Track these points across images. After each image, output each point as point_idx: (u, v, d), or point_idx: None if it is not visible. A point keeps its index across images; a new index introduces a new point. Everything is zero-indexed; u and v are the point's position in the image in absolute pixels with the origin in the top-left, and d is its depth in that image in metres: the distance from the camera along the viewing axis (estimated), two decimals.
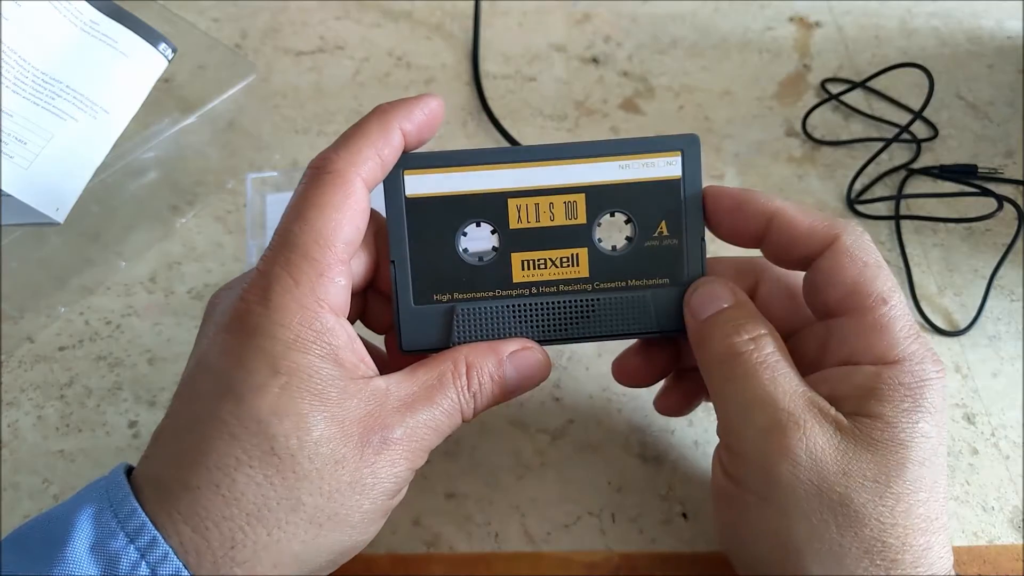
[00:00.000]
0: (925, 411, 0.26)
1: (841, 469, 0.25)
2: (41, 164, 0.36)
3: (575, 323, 0.30)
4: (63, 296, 0.42)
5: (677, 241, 0.30)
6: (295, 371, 0.24)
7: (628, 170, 0.29)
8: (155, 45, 0.40)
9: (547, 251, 0.29)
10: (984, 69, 0.53)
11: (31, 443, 0.37)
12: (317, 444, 0.24)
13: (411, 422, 0.26)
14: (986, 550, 0.34)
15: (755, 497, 0.26)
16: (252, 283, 0.25)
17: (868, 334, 0.27)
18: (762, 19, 0.57)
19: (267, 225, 0.42)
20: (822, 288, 0.28)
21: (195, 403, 0.25)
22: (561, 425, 0.37)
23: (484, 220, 0.29)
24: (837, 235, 0.28)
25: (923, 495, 0.25)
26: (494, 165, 0.29)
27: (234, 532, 0.23)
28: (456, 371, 0.27)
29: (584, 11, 0.57)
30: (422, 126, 0.28)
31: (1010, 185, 0.47)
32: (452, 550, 0.34)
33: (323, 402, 0.24)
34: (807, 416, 0.26)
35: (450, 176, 0.29)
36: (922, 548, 0.25)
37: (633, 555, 0.34)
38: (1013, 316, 0.41)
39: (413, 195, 0.29)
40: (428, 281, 0.29)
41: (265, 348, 0.24)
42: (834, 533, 0.25)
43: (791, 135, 0.50)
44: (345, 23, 0.56)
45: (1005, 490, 0.36)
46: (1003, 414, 0.38)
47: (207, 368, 0.25)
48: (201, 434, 0.24)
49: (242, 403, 0.24)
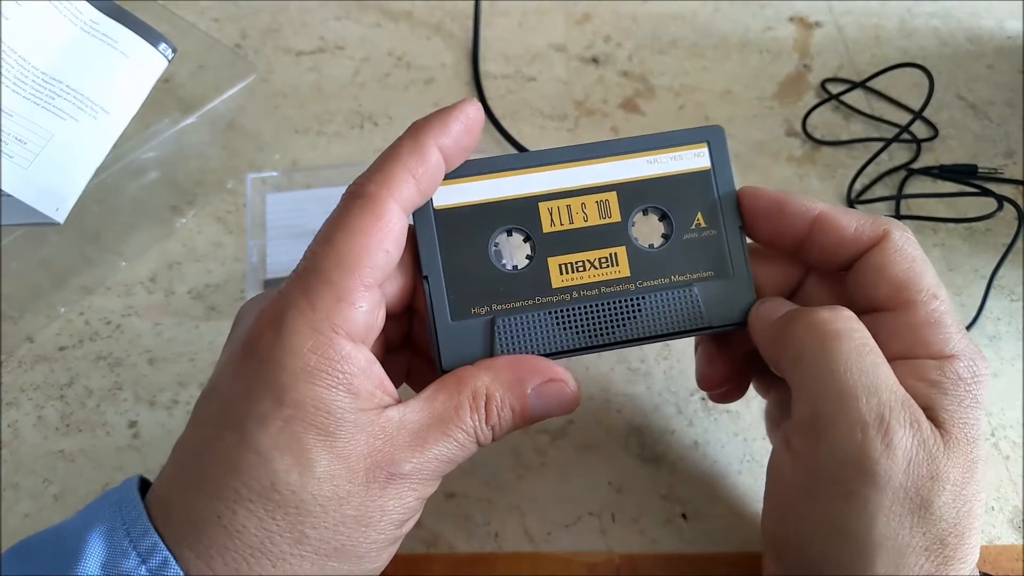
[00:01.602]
0: (980, 407, 0.26)
1: (930, 472, 0.24)
2: (41, 164, 0.36)
3: (621, 325, 0.28)
4: (63, 296, 0.42)
5: (716, 232, 0.29)
6: (300, 404, 0.23)
7: (657, 164, 0.29)
8: (155, 45, 0.40)
9: (584, 253, 0.28)
10: (984, 69, 0.53)
11: (31, 443, 0.37)
12: (320, 481, 0.23)
13: (422, 457, 0.25)
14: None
15: (837, 491, 0.25)
16: (270, 304, 0.25)
17: (923, 329, 0.26)
18: (762, 19, 0.57)
19: (267, 225, 0.42)
20: (871, 283, 0.27)
21: (203, 428, 0.25)
22: (561, 425, 0.37)
23: (516, 226, 0.28)
24: (887, 231, 0.27)
25: (982, 495, 0.25)
26: (521, 170, 0.28)
27: (238, 564, 0.23)
28: (475, 404, 0.26)
29: (584, 11, 0.57)
30: (460, 137, 0.27)
31: (1010, 185, 0.47)
32: (452, 550, 0.34)
33: (328, 437, 0.24)
34: (908, 412, 0.25)
35: (477, 184, 0.28)
36: (972, 546, 0.25)
37: (633, 555, 0.34)
38: (1013, 316, 0.41)
39: (441, 206, 0.28)
40: (464, 294, 0.28)
41: (272, 378, 0.23)
42: (906, 533, 0.24)
43: (791, 135, 0.50)
44: (345, 23, 0.56)
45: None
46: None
47: (217, 392, 0.25)
48: (206, 461, 0.24)
49: (245, 434, 0.23)
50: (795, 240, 0.29)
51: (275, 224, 0.43)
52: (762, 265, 0.30)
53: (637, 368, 0.39)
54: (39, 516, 0.35)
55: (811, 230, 0.28)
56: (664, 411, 0.38)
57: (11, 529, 0.34)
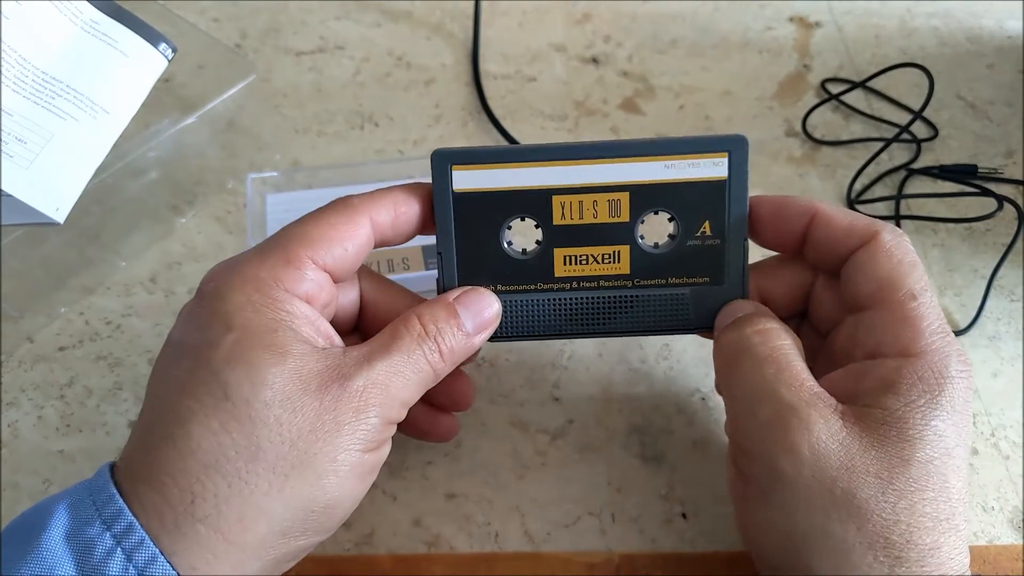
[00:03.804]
0: (942, 408, 0.25)
1: (844, 464, 0.25)
2: (41, 164, 0.36)
3: (613, 317, 0.30)
4: (63, 296, 0.42)
5: (720, 241, 0.30)
6: (248, 327, 0.25)
7: (673, 170, 0.29)
8: (155, 45, 0.40)
9: (589, 247, 0.30)
10: (984, 69, 0.53)
11: (31, 443, 0.37)
12: (273, 389, 0.24)
13: (371, 372, 0.26)
14: (986, 550, 0.34)
15: (761, 492, 0.26)
16: (224, 261, 0.27)
17: (894, 327, 0.27)
18: (762, 19, 0.57)
19: (267, 225, 0.42)
20: (856, 281, 0.28)
21: (156, 376, 0.26)
22: (561, 425, 0.37)
23: (529, 216, 0.30)
24: (877, 232, 0.28)
25: (930, 494, 0.25)
26: (540, 162, 0.29)
27: (192, 484, 0.23)
28: (408, 323, 0.27)
29: (584, 11, 0.57)
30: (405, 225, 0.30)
31: (1010, 185, 0.47)
32: (452, 550, 0.34)
33: (277, 355, 0.24)
34: (809, 410, 0.25)
35: (497, 172, 0.29)
36: (928, 547, 0.25)
37: (633, 555, 0.34)
38: (1013, 316, 0.41)
39: (460, 190, 0.29)
40: (473, 273, 0.30)
41: (220, 310, 0.25)
42: (838, 528, 0.25)
43: (791, 135, 0.50)
44: (345, 23, 0.56)
45: (1005, 490, 0.36)
46: (1003, 414, 0.38)
47: (169, 341, 0.26)
48: (159, 398, 0.24)
49: (197, 359, 0.24)
50: (797, 238, 0.30)
51: (275, 224, 0.42)
52: (770, 278, 0.31)
53: (637, 368, 0.39)
54: None
55: (809, 227, 0.29)
56: (664, 411, 0.38)
57: None
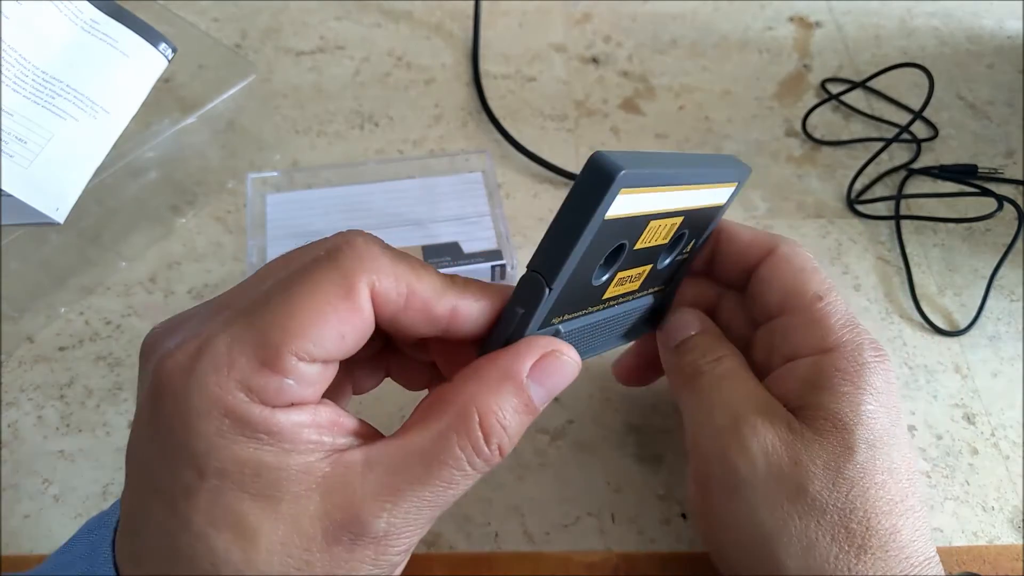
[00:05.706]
0: (867, 393, 0.26)
1: (792, 459, 0.26)
2: (41, 164, 0.36)
3: (611, 332, 0.30)
4: (63, 296, 0.42)
5: (688, 256, 0.31)
6: (224, 472, 0.20)
7: (708, 196, 0.29)
8: (155, 45, 0.40)
9: (637, 268, 0.27)
10: (984, 69, 0.53)
11: (31, 443, 0.37)
12: (269, 554, 0.20)
13: (397, 510, 0.20)
14: (986, 550, 0.34)
15: (722, 496, 0.27)
16: (187, 341, 0.20)
17: (805, 328, 0.28)
18: (762, 19, 0.57)
19: (267, 225, 0.42)
20: (763, 292, 0.30)
21: (134, 494, 0.22)
22: (560, 425, 0.37)
23: (627, 241, 0.25)
24: (775, 245, 0.30)
25: (880, 477, 0.26)
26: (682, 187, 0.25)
27: None
28: (465, 426, 0.21)
29: (584, 11, 0.57)
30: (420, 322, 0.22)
31: (1010, 185, 0.47)
32: (452, 550, 0.34)
33: (266, 501, 0.20)
34: (756, 415, 0.27)
35: (649, 196, 0.24)
36: (888, 531, 0.25)
37: (632, 555, 0.34)
38: (1013, 316, 0.41)
39: (611, 216, 0.23)
40: (559, 305, 0.24)
41: (185, 443, 0.20)
42: (798, 524, 0.25)
43: (791, 135, 0.50)
44: (345, 23, 0.56)
45: (1005, 490, 0.36)
46: (1003, 414, 0.38)
47: (134, 456, 0.22)
48: (145, 541, 0.21)
49: (175, 510, 0.20)
50: (707, 256, 0.32)
51: (275, 224, 0.43)
52: (687, 286, 0.33)
53: None
54: (39, 516, 0.35)
55: (716, 243, 0.31)
56: (662, 410, 0.38)
57: (11, 529, 0.34)
